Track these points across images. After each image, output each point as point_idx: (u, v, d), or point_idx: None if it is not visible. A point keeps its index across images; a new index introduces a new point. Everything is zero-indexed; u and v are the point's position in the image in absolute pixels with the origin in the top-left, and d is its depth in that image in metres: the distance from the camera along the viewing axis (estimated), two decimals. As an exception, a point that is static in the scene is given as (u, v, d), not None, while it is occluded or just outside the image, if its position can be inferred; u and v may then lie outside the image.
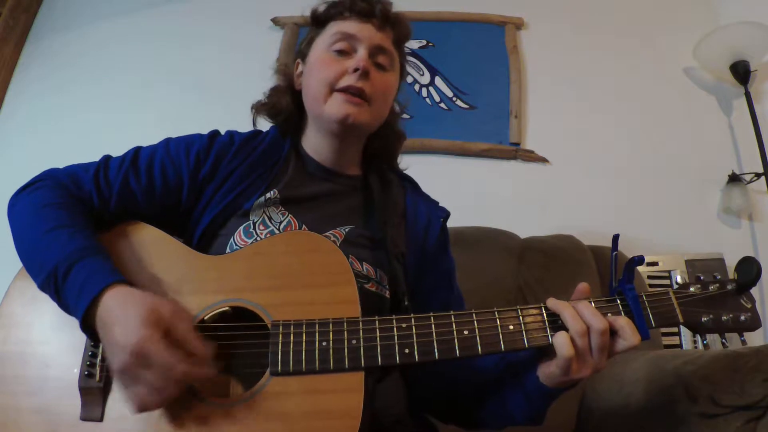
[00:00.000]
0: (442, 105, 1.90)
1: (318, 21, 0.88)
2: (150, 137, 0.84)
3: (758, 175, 1.71)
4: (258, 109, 0.91)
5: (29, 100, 1.94)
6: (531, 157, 1.83)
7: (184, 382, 0.56)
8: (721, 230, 1.76)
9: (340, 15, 0.84)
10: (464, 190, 1.79)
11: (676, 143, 1.86)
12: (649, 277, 1.58)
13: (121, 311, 0.57)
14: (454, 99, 1.90)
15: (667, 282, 1.58)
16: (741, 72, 1.75)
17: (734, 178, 1.74)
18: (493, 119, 1.87)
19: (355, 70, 0.78)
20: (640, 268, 1.58)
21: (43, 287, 0.63)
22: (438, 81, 1.93)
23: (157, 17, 2.06)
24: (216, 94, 1.91)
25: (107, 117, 1.89)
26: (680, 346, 1.51)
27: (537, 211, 1.77)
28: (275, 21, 2.01)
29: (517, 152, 1.83)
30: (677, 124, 1.89)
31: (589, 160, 1.85)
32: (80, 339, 0.64)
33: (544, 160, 1.84)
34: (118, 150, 0.81)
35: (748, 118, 1.73)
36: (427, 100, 1.90)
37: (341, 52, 0.82)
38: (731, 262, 1.61)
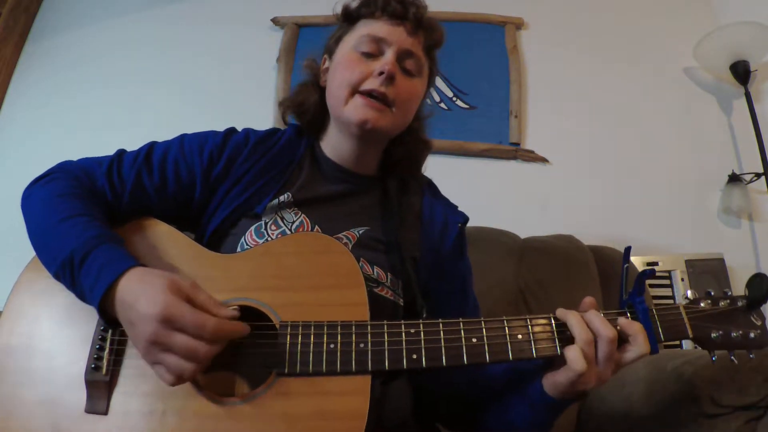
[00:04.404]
0: (442, 105, 1.90)
1: (349, 18, 0.85)
2: (150, 138, 0.83)
3: (758, 175, 1.71)
4: (285, 106, 0.89)
5: (29, 100, 1.94)
6: (531, 157, 1.83)
7: (218, 343, 0.55)
8: (721, 230, 1.76)
9: (371, 14, 0.82)
10: (464, 190, 1.79)
11: (676, 143, 1.86)
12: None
13: (141, 288, 0.57)
14: (454, 99, 1.90)
15: (667, 282, 1.58)
16: (741, 72, 1.75)
17: (734, 178, 1.74)
18: (493, 119, 1.87)
19: (380, 73, 0.76)
20: (641, 269, 1.58)
21: (57, 275, 0.63)
22: (438, 81, 1.92)
23: (156, 18, 2.05)
24: (216, 93, 1.91)
25: (107, 118, 1.88)
26: (680, 346, 1.51)
27: (537, 211, 1.77)
28: (275, 21, 2.01)
29: (517, 152, 1.83)
30: (677, 124, 1.89)
31: (589, 160, 1.85)
32: (87, 332, 0.64)
33: (544, 160, 1.84)
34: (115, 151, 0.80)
35: (748, 118, 1.73)
36: (427, 99, 1.89)
37: (368, 54, 0.79)
38: (731, 262, 1.61)
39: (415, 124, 0.88)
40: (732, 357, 0.66)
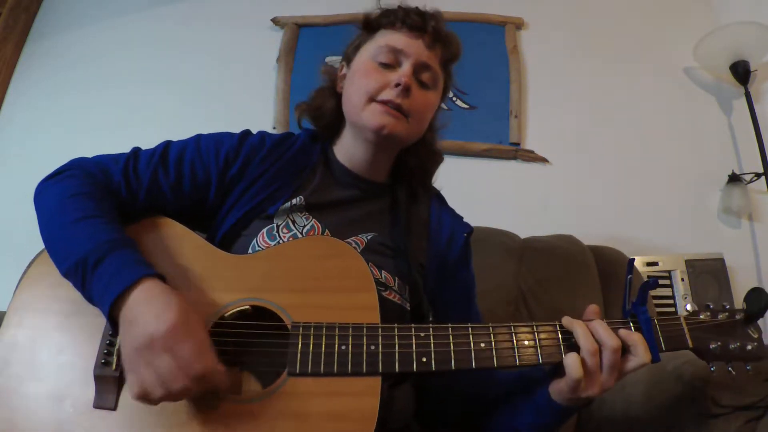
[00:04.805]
0: (442, 105, 1.89)
1: (368, 27, 0.86)
2: (150, 137, 0.84)
3: (758, 175, 1.71)
4: (302, 110, 0.90)
5: (29, 100, 1.94)
6: (531, 157, 1.83)
7: (196, 384, 0.55)
8: (721, 230, 1.77)
9: (391, 25, 0.83)
10: (464, 190, 1.79)
11: (676, 143, 1.86)
12: (649, 277, 1.58)
13: (148, 305, 0.57)
14: (454, 99, 1.90)
15: (667, 282, 1.58)
16: (741, 72, 1.75)
17: (734, 178, 1.74)
18: (493, 119, 1.87)
19: (397, 85, 0.77)
20: (641, 269, 1.58)
21: (67, 274, 0.63)
22: (438, 81, 1.93)
23: (156, 18, 2.05)
24: (216, 93, 1.91)
25: (107, 118, 1.88)
26: (680, 346, 1.51)
27: (537, 211, 1.77)
28: (275, 21, 2.01)
29: (517, 152, 1.83)
30: (677, 124, 1.89)
31: (589, 160, 1.85)
32: (97, 327, 0.64)
33: (544, 160, 1.84)
34: (116, 151, 0.80)
35: (748, 118, 1.73)
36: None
37: (386, 65, 0.80)
38: (731, 262, 1.61)
39: (429, 135, 0.90)
40: (729, 368, 0.67)
